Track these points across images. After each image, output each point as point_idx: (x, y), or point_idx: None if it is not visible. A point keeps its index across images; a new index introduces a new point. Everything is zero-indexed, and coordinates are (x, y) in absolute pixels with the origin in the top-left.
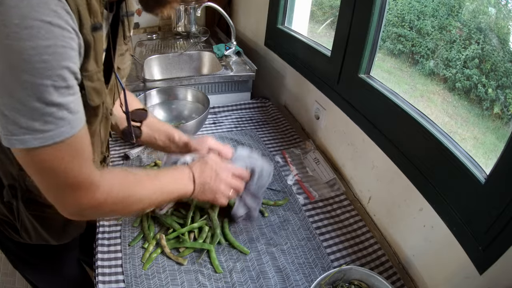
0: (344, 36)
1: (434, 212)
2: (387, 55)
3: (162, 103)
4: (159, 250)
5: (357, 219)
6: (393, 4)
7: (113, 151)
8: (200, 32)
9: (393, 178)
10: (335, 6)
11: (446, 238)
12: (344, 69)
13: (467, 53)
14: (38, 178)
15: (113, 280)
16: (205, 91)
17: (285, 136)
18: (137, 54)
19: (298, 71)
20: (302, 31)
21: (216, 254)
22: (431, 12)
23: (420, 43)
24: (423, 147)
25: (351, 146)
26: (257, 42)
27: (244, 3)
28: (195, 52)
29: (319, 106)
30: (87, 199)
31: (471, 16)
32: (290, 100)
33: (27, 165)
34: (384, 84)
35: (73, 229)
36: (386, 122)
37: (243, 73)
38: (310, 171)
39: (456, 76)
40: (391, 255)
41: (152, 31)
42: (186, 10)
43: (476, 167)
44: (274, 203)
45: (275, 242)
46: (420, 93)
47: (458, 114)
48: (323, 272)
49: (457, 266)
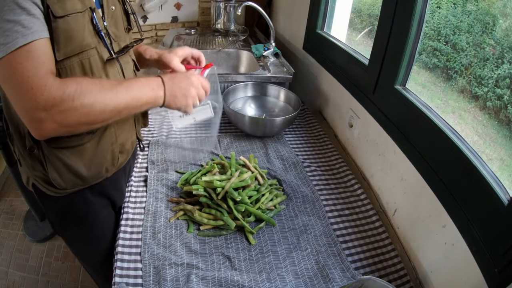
0: (382, 46)
1: (456, 230)
2: (422, 68)
3: (254, 96)
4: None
5: (381, 230)
6: (430, 17)
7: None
8: (239, 30)
9: (420, 193)
10: (373, 15)
11: (464, 257)
12: (380, 79)
13: (499, 72)
14: (7, 88)
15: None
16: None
17: (317, 142)
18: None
19: (335, 77)
20: (341, 37)
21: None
22: (466, 27)
23: (455, 58)
24: (452, 164)
25: (381, 157)
26: (295, 45)
27: (284, 5)
28: (233, 50)
29: (353, 114)
30: (44, 97)
31: (504, 34)
32: (324, 105)
33: (0, 78)
34: (419, 97)
35: (102, 154)
36: (418, 135)
37: (280, 75)
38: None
39: (487, 95)
40: (410, 269)
41: (191, 26)
42: (226, 8)
43: (501, 188)
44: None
45: (296, 247)
46: (451, 109)
47: (487, 133)
48: (343, 276)
49: (472, 287)
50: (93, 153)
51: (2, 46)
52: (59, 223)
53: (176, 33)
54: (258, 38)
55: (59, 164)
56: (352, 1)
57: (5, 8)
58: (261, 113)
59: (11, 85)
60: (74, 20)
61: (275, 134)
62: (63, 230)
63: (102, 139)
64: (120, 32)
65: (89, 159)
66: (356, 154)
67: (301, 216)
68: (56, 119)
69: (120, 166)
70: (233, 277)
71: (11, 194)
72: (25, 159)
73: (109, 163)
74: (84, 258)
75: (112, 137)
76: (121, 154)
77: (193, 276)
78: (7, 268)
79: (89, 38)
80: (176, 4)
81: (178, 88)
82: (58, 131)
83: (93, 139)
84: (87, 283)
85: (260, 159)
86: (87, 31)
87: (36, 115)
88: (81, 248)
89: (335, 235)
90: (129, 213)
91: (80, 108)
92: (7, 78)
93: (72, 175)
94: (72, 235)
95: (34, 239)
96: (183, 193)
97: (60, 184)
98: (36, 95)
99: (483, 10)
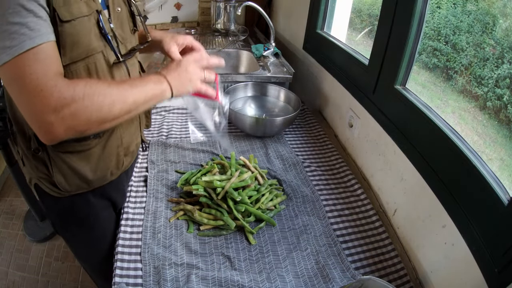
0: (382, 46)
1: (456, 230)
2: (422, 68)
3: (254, 96)
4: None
5: (381, 230)
6: (430, 17)
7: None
8: (239, 30)
9: (420, 193)
10: (373, 15)
11: (465, 257)
12: (380, 79)
13: (499, 72)
14: (14, 91)
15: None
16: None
17: (317, 142)
18: None
19: (335, 77)
20: (341, 37)
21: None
22: (466, 27)
23: (455, 58)
24: (452, 164)
25: (381, 157)
26: (295, 45)
27: (284, 5)
28: (233, 50)
29: (353, 114)
30: (55, 97)
31: (504, 34)
32: (324, 105)
33: (6, 82)
34: (419, 97)
35: (108, 158)
36: (418, 135)
37: (280, 75)
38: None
39: (487, 95)
40: (410, 269)
41: (191, 26)
42: (226, 8)
43: (501, 188)
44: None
45: (296, 247)
46: (451, 109)
47: (487, 133)
48: (343, 276)
49: (472, 287)
50: (99, 157)
51: (8, 49)
52: (60, 224)
53: (176, 33)
54: (258, 38)
55: (65, 167)
56: (352, 1)
57: (9, 11)
58: (261, 113)
59: (18, 88)
60: (81, 24)
61: (275, 134)
62: (64, 230)
63: (108, 143)
64: (126, 34)
65: (95, 163)
66: (356, 154)
67: (301, 216)
68: (67, 120)
69: (125, 169)
70: (233, 277)
71: (11, 194)
72: (29, 160)
73: (114, 166)
74: (84, 259)
75: (118, 140)
76: (126, 157)
77: (193, 276)
78: (7, 268)
79: (96, 41)
80: (176, 4)
81: (177, 73)
82: (68, 134)
83: (99, 144)
84: (87, 283)
85: (260, 159)
86: (93, 34)
87: (46, 119)
88: (81, 248)
89: (335, 235)
90: (129, 213)
91: (90, 106)
92: (14, 81)
93: (78, 179)
94: (73, 235)
95: (34, 239)
96: (183, 193)
97: (64, 187)
98: (46, 97)
99: (483, 10)
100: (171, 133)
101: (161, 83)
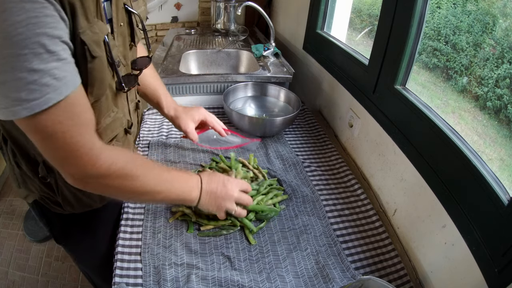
0: (382, 46)
1: (457, 230)
2: (422, 68)
3: (254, 96)
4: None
5: (381, 230)
6: (430, 17)
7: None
8: (239, 30)
9: (420, 193)
10: (373, 15)
11: (465, 257)
12: (380, 79)
13: (499, 72)
14: (41, 146)
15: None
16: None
17: (317, 142)
18: (174, 48)
19: (335, 77)
20: (341, 37)
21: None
22: (466, 27)
23: (455, 58)
24: (452, 164)
25: (381, 157)
26: (295, 45)
27: (284, 5)
28: (233, 50)
29: (353, 114)
30: (89, 166)
31: (504, 34)
32: (324, 105)
33: (29, 134)
34: (419, 97)
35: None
36: (418, 135)
37: (280, 75)
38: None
39: (487, 95)
40: (410, 269)
41: (191, 26)
42: (226, 8)
43: (501, 188)
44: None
45: (296, 247)
46: (451, 109)
47: (487, 133)
48: (343, 276)
49: (472, 287)
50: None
51: (25, 103)
52: (63, 235)
53: (176, 33)
54: (258, 38)
55: (72, 196)
56: (352, 1)
57: (25, 52)
58: (261, 113)
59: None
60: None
61: (275, 134)
62: (66, 240)
63: None
64: (126, 51)
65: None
66: (356, 154)
67: (301, 216)
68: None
69: None
70: (233, 277)
71: (11, 194)
72: (31, 180)
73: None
74: (86, 262)
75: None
76: None
77: (193, 276)
78: (7, 268)
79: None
80: (176, 4)
81: (214, 194)
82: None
83: None
84: (87, 283)
85: (260, 159)
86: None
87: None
88: (84, 253)
89: (335, 235)
90: (129, 213)
91: (123, 188)
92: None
93: (85, 205)
94: (75, 243)
95: (34, 239)
96: None
97: (70, 210)
98: (84, 163)
99: (483, 10)
100: (171, 133)
101: (196, 188)
